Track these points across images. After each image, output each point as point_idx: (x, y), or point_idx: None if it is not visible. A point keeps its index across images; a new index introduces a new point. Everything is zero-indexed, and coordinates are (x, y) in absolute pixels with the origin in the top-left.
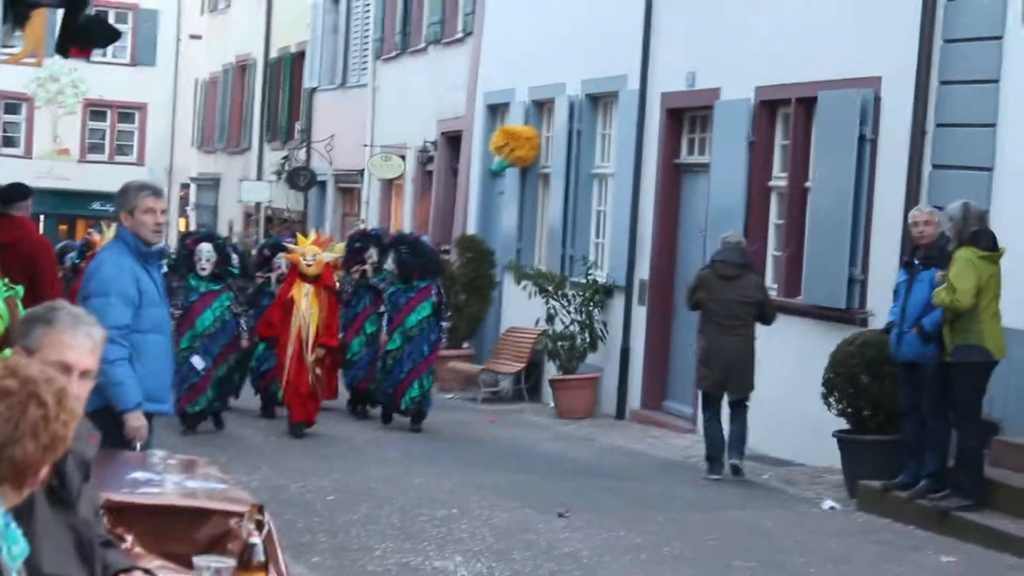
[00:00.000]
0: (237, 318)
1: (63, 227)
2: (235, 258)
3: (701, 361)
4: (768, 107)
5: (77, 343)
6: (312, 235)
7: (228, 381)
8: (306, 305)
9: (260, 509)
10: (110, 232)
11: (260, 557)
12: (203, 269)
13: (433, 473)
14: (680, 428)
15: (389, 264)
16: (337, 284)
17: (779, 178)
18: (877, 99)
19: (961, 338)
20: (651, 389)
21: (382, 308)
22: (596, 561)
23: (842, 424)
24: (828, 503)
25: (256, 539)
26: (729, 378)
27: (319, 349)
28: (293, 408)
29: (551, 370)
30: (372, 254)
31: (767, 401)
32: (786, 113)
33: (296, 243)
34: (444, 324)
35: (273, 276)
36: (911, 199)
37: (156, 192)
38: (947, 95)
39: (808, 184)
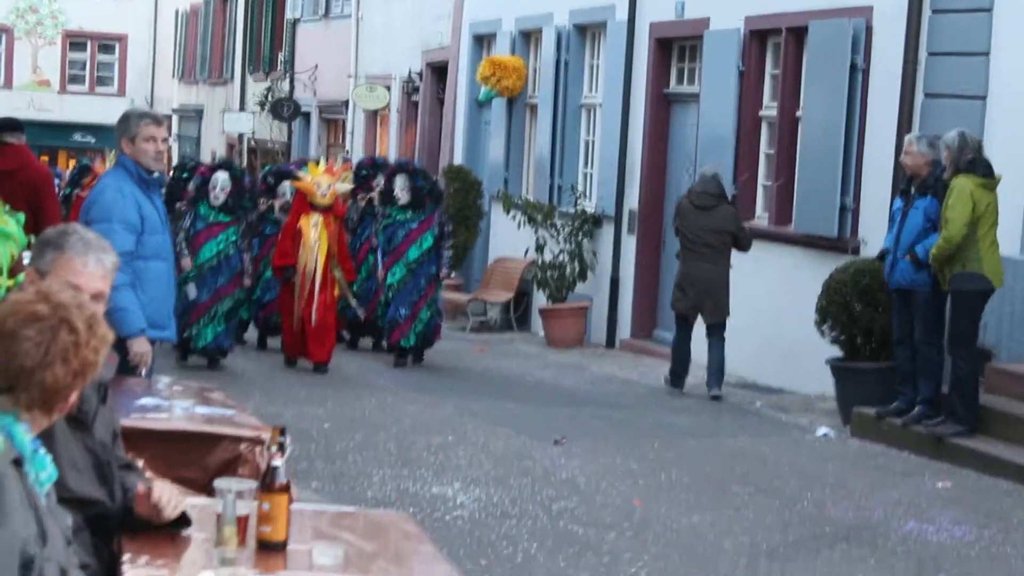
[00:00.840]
0: (241, 254)
1: (44, 158)
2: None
3: (677, 285)
4: (758, 37)
5: (88, 269)
6: (322, 163)
7: (232, 318)
8: (314, 236)
9: (282, 431)
10: (111, 160)
11: (283, 479)
12: (216, 199)
13: (427, 401)
14: (670, 357)
15: (400, 190)
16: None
17: (769, 108)
18: (869, 28)
19: (960, 266)
20: (641, 318)
21: (375, 242)
22: (594, 487)
23: (835, 352)
24: (822, 430)
25: (279, 461)
26: (703, 302)
27: (337, 273)
28: (295, 345)
29: (540, 300)
30: (379, 181)
31: (758, 329)
32: (776, 43)
33: (307, 172)
34: (446, 254)
35: (277, 204)
36: (903, 128)
37: (157, 120)
38: (939, 24)
39: (799, 114)
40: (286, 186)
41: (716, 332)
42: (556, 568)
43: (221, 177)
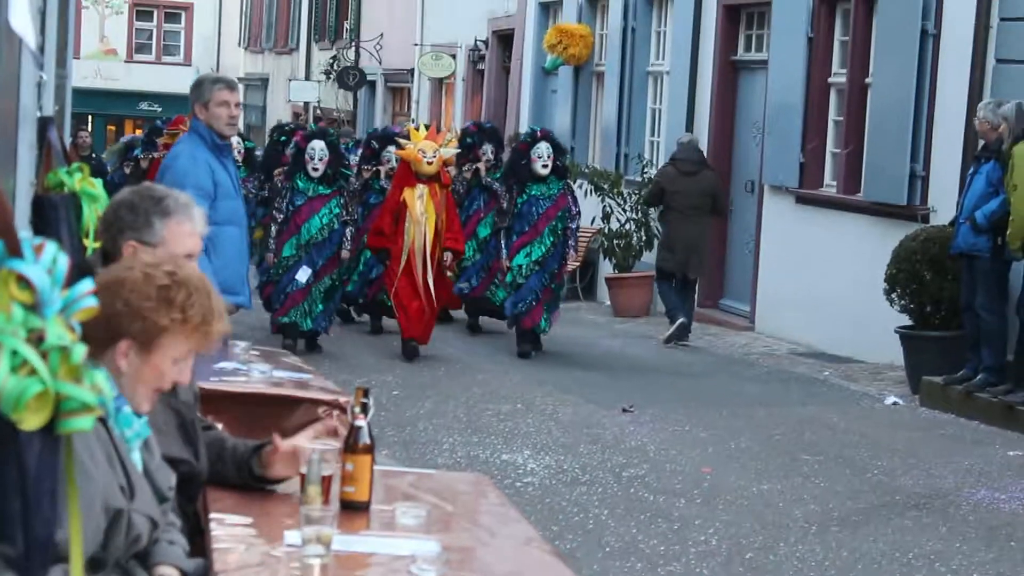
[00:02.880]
0: (345, 226)
1: (111, 127)
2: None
3: (663, 245)
4: (828, 3)
5: (196, 229)
6: (423, 129)
7: (330, 299)
8: (420, 209)
9: (366, 392)
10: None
11: (366, 440)
12: (315, 170)
13: (494, 370)
14: (738, 326)
15: (545, 159)
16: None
17: (838, 75)
18: None
19: None
20: (708, 287)
21: (501, 221)
22: (663, 455)
23: (903, 320)
24: (891, 398)
25: (362, 422)
26: (689, 260)
27: (446, 253)
28: (405, 324)
29: (607, 269)
30: (487, 150)
31: (827, 298)
32: (846, 9)
33: (407, 137)
34: (575, 236)
35: (383, 170)
36: (974, 94)
37: (230, 85)
38: None
39: (868, 80)
40: (392, 151)
41: (688, 286)
42: (627, 534)
43: (318, 146)
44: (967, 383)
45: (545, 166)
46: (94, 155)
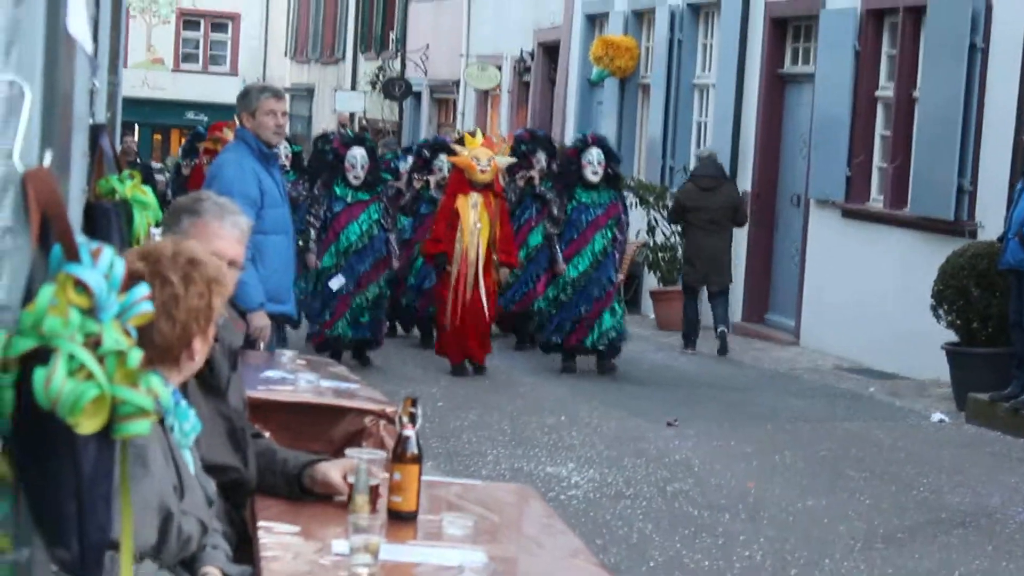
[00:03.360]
0: (387, 233)
1: (157, 136)
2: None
3: (686, 259)
4: (875, 16)
5: (225, 232)
6: (479, 136)
7: (378, 307)
8: (474, 218)
9: (414, 402)
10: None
11: (414, 450)
12: (357, 178)
13: (538, 382)
14: (783, 340)
15: (596, 166)
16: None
17: (885, 88)
18: (988, 7)
19: None
20: (752, 301)
21: (553, 228)
22: (708, 469)
23: (949, 336)
24: (937, 415)
25: (410, 431)
26: (711, 273)
27: (502, 270)
28: (458, 345)
29: (651, 282)
30: (541, 158)
31: (872, 313)
32: (894, 22)
33: (462, 144)
34: (621, 238)
35: (432, 180)
36: (1022, 109)
37: (277, 94)
38: None
39: (916, 94)
40: (443, 160)
41: (720, 296)
42: (672, 548)
43: (359, 154)
44: (1014, 400)
45: (595, 173)
46: (139, 161)
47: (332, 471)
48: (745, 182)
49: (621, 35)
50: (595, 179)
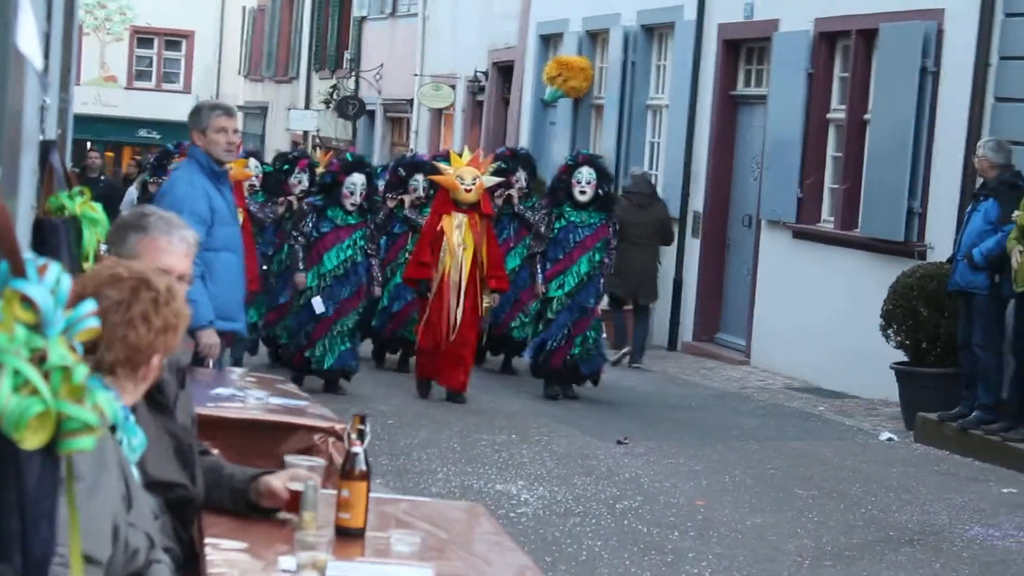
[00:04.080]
0: (369, 259)
1: (109, 154)
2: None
3: (616, 273)
4: (828, 39)
5: (173, 247)
6: (467, 154)
7: (356, 335)
8: (458, 239)
9: (363, 419)
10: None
11: (362, 466)
12: (353, 205)
13: (489, 400)
14: (733, 360)
15: (584, 185)
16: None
17: (837, 110)
18: (940, 31)
19: None
20: (704, 321)
21: (536, 246)
22: (657, 487)
23: (898, 356)
24: (886, 434)
25: (358, 448)
26: (640, 287)
27: (492, 295)
28: (434, 368)
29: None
30: (520, 177)
31: (822, 333)
32: (846, 45)
33: (447, 163)
34: (608, 262)
35: (407, 199)
36: (973, 132)
37: (228, 111)
38: (1012, 27)
39: (867, 116)
40: (419, 179)
41: (643, 311)
42: (620, 566)
43: (359, 181)
44: (962, 420)
45: (583, 192)
46: (103, 177)
47: (274, 481)
48: (697, 202)
49: (575, 55)
50: (583, 199)
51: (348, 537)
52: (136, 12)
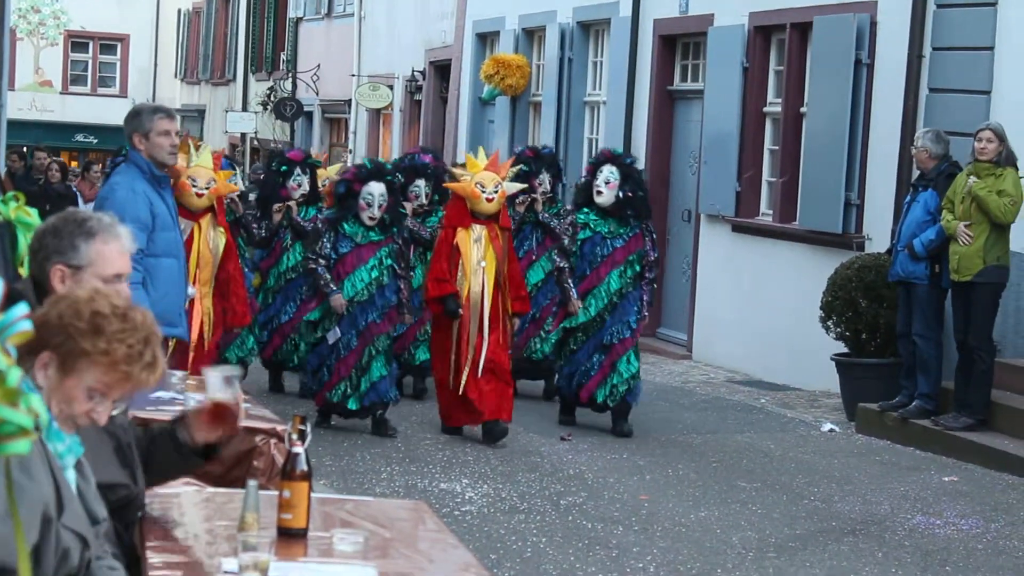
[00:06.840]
0: (398, 281)
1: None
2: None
3: None
4: (762, 33)
5: (122, 249)
6: (482, 157)
7: (392, 359)
8: (478, 256)
9: (303, 420)
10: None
11: (304, 467)
12: (372, 219)
13: (432, 400)
14: (675, 354)
15: (605, 187)
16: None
17: (774, 104)
18: (873, 24)
19: (992, 257)
20: None
21: (561, 260)
22: (601, 483)
23: (839, 347)
24: (827, 425)
25: (299, 449)
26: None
27: (513, 319)
28: (461, 406)
29: None
30: (544, 180)
31: (762, 326)
32: (781, 39)
33: (464, 167)
34: (649, 288)
35: (409, 207)
36: (907, 124)
37: (170, 114)
38: (944, 19)
39: (803, 109)
40: (420, 185)
41: None
42: (565, 562)
43: (377, 191)
44: (903, 410)
45: (600, 193)
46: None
47: (191, 406)
48: None
49: (512, 53)
50: (601, 200)
51: (290, 537)
52: (70, 16)
